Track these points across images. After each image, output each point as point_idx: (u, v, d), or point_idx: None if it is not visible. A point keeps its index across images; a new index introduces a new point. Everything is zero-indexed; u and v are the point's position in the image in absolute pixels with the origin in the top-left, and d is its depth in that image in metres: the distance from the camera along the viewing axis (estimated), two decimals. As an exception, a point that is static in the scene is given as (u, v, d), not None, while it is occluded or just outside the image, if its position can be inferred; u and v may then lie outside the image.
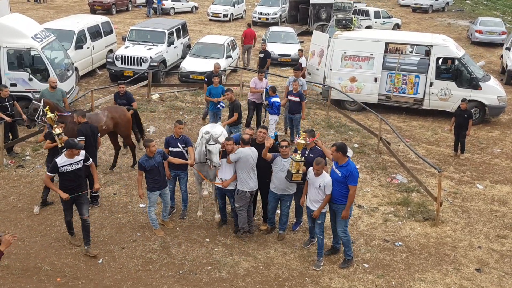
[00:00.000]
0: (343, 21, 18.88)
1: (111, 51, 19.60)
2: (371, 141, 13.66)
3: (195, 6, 36.58)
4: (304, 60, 17.56)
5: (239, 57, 21.26)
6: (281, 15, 32.21)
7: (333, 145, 7.90)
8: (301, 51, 18.24)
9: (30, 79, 13.37)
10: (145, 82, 16.49)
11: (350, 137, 13.99)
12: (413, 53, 19.69)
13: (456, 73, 15.54)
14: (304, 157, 8.21)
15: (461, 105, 12.72)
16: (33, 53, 13.49)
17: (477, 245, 9.06)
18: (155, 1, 33.17)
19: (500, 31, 28.02)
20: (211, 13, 32.94)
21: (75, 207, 8.11)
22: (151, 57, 17.80)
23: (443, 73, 15.64)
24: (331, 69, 15.95)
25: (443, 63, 16.08)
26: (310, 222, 8.44)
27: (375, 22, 30.43)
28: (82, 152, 7.85)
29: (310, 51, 17.85)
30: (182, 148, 8.98)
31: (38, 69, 13.59)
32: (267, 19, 31.27)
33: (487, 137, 14.64)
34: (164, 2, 33.96)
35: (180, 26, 20.59)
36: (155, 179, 8.48)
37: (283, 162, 8.35)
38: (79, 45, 17.36)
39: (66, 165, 7.70)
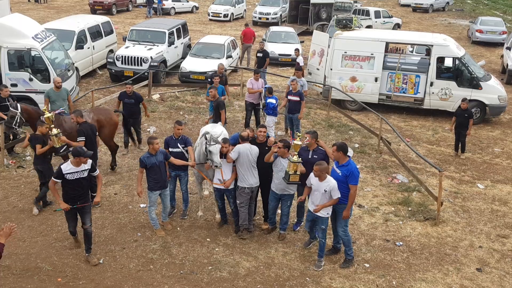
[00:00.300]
0: (344, 21, 18.94)
1: (111, 51, 19.60)
2: (372, 141, 13.66)
3: (195, 6, 36.57)
4: (301, 59, 17.53)
5: (239, 57, 21.27)
6: (281, 15, 32.20)
7: (333, 145, 7.90)
8: (297, 50, 18.20)
9: (30, 79, 13.38)
10: (146, 82, 16.50)
11: (350, 137, 13.98)
12: (414, 53, 19.69)
13: (456, 73, 15.53)
14: (307, 158, 8.22)
15: (462, 105, 12.71)
16: (33, 53, 13.50)
17: (478, 245, 9.06)
18: (155, 1, 33.17)
19: (500, 31, 28.01)
20: (212, 13, 32.94)
21: (78, 216, 7.93)
22: (151, 57, 17.80)
23: (443, 73, 15.64)
24: (331, 69, 15.94)
25: (440, 62, 15.95)
26: (307, 226, 8.28)
27: (376, 21, 30.41)
28: (89, 161, 7.63)
29: (310, 51, 17.85)
30: (182, 148, 8.98)
31: (38, 69, 13.61)
32: (267, 19, 31.25)
33: (488, 136, 14.63)
34: (164, 2, 33.95)
35: (180, 26, 20.59)
36: (155, 178, 8.45)
37: (282, 162, 8.35)
38: (80, 45, 17.36)
39: (71, 172, 7.49)
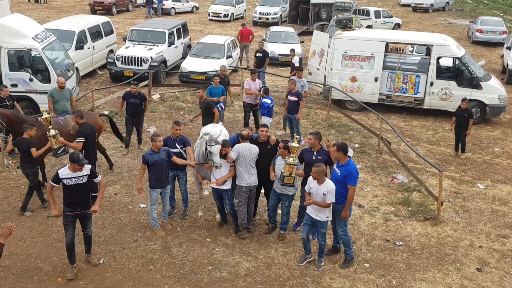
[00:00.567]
0: (344, 21, 18.92)
1: (111, 51, 19.60)
2: (372, 141, 13.66)
3: (195, 6, 36.57)
4: (296, 59, 17.49)
5: (239, 57, 21.26)
6: (281, 15, 32.20)
7: (333, 145, 7.89)
8: (293, 50, 18.14)
9: (30, 80, 13.38)
10: (146, 82, 16.49)
11: (350, 137, 13.98)
12: (414, 53, 19.68)
13: (456, 73, 15.53)
14: (312, 159, 8.23)
15: (461, 105, 12.71)
16: (33, 54, 13.49)
17: (478, 245, 9.06)
18: (155, 1, 33.17)
19: (500, 31, 28.01)
20: (212, 13, 32.94)
21: (78, 223, 7.69)
22: (151, 57, 17.80)
23: (443, 73, 15.64)
24: (331, 69, 15.94)
25: (428, 55, 15.65)
26: (305, 233, 7.93)
27: (376, 21, 30.40)
28: (87, 167, 7.40)
29: (310, 51, 17.84)
30: (180, 148, 9.02)
31: (38, 70, 13.59)
32: (267, 19, 31.26)
33: (488, 136, 14.63)
34: (164, 2, 33.96)
35: (180, 26, 20.59)
36: (157, 176, 8.49)
37: (281, 161, 8.39)
38: (80, 46, 17.35)
39: (68, 178, 7.28)
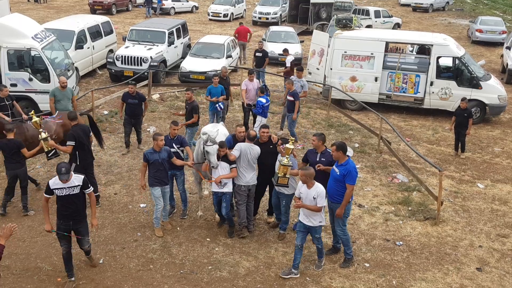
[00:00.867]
0: (344, 21, 18.88)
1: (111, 51, 19.59)
2: (372, 141, 13.65)
3: (195, 6, 36.56)
4: (290, 58, 17.45)
5: (239, 56, 21.26)
6: (281, 14, 32.19)
7: (332, 144, 7.89)
8: (286, 51, 18.03)
9: (30, 79, 13.37)
10: (146, 82, 16.48)
11: (350, 137, 13.98)
12: (414, 53, 19.67)
13: (456, 72, 15.53)
14: (315, 161, 8.24)
15: (461, 104, 12.70)
16: (33, 53, 13.47)
17: (478, 244, 9.06)
18: (155, 0, 33.15)
19: (500, 30, 28.01)
20: (211, 12, 32.93)
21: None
22: (151, 57, 17.79)
23: (443, 72, 15.64)
24: (331, 69, 15.94)
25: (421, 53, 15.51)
26: (298, 239, 7.74)
27: (375, 21, 30.38)
28: (80, 177, 7.15)
29: (310, 51, 17.83)
30: (177, 148, 9.05)
31: (38, 69, 13.58)
32: (267, 18, 31.24)
33: (488, 136, 14.63)
34: (164, 2, 33.95)
35: (180, 26, 20.57)
36: (156, 175, 8.52)
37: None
38: (80, 45, 17.34)
39: (59, 188, 7.05)
